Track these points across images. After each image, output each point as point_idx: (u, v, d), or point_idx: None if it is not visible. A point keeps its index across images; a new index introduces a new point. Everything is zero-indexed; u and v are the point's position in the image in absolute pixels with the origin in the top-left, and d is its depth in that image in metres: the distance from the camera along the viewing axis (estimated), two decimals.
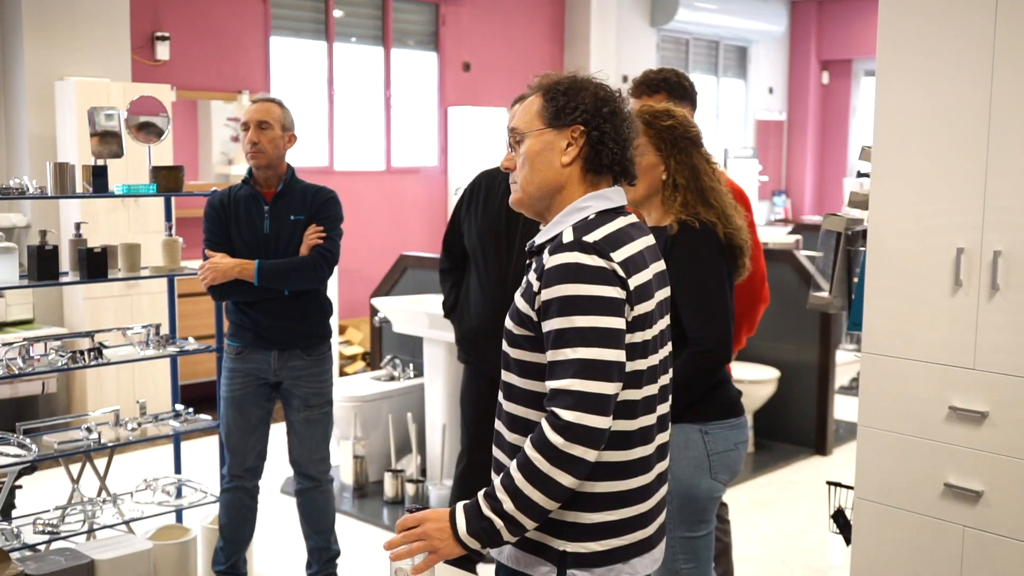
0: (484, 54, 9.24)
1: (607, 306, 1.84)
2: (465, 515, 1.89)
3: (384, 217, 8.60)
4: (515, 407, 1.98)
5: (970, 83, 2.82)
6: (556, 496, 1.85)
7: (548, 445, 1.82)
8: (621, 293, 1.87)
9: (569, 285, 1.84)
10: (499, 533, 1.86)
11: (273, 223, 3.66)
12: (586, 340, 1.82)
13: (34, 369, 3.70)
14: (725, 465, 2.65)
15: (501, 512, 1.86)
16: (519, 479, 1.85)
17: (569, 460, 1.82)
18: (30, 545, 3.70)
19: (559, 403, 1.82)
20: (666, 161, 2.66)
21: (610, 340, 1.84)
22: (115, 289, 6.11)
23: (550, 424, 1.83)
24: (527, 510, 1.85)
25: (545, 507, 1.85)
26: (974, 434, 2.86)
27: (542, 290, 1.88)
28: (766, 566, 4.42)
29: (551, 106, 1.96)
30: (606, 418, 1.83)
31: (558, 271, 1.86)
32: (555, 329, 1.85)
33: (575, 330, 1.83)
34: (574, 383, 1.81)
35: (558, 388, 1.83)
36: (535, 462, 1.83)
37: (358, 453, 5.19)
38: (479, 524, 1.87)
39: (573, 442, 1.81)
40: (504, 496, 1.86)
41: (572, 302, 1.84)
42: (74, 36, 6.31)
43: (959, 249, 2.85)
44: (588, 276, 1.84)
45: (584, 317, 1.83)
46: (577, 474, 1.84)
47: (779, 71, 12.71)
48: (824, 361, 5.91)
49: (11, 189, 3.72)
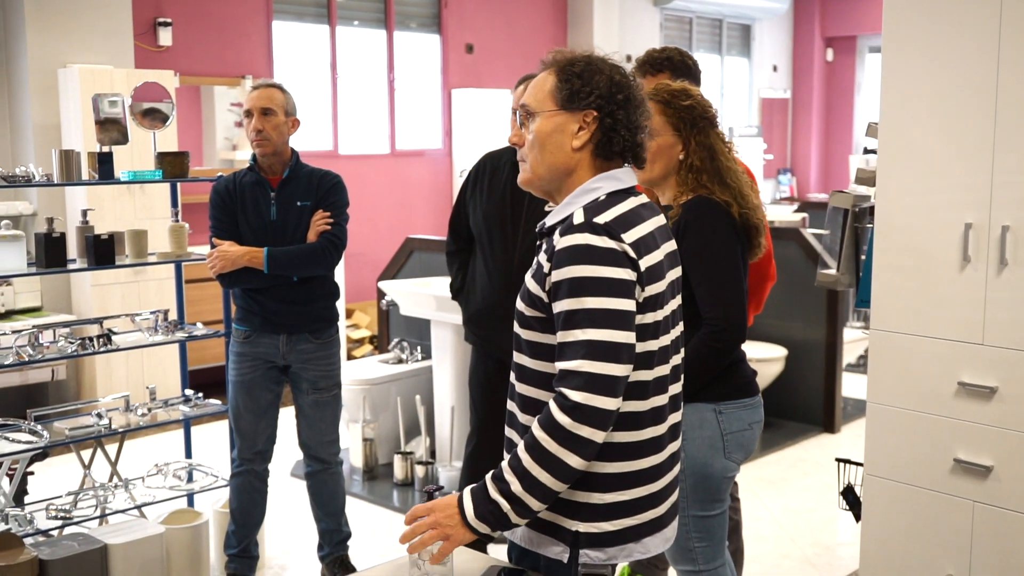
0: (487, 36, 9.21)
1: (617, 287, 1.84)
2: (473, 499, 1.89)
3: (389, 200, 8.59)
4: (527, 388, 1.99)
5: (977, 58, 2.80)
6: (563, 477, 1.85)
7: (556, 426, 1.82)
8: (632, 275, 1.86)
9: (580, 266, 1.84)
10: (507, 516, 1.87)
11: (280, 210, 3.66)
12: (596, 321, 1.82)
13: (44, 356, 3.71)
14: (739, 445, 2.66)
15: (508, 494, 1.86)
16: (527, 460, 1.85)
17: (577, 441, 1.82)
18: (43, 530, 3.72)
19: (568, 384, 1.83)
20: (685, 141, 2.64)
21: (620, 322, 1.84)
22: (122, 275, 6.12)
23: (558, 405, 1.83)
24: (534, 491, 1.85)
25: (553, 488, 1.86)
26: (983, 409, 2.86)
27: (553, 271, 1.88)
28: (775, 543, 4.43)
29: (565, 87, 1.94)
30: (614, 399, 1.83)
31: (569, 252, 1.86)
32: (565, 310, 1.85)
33: (585, 311, 1.83)
34: (583, 364, 1.82)
35: (567, 369, 1.83)
36: (543, 443, 1.84)
37: (367, 436, 5.20)
38: (487, 507, 1.87)
39: (581, 423, 1.81)
40: (512, 478, 1.86)
41: (582, 283, 1.84)
42: (76, 23, 6.29)
43: (967, 224, 2.85)
44: (599, 257, 1.84)
45: (594, 298, 1.83)
46: (585, 455, 1.84)
47: (783, 49, 12.66)
48: (831, 339, 5.90)
49: (17, 177, 3.72)
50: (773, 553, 4.34)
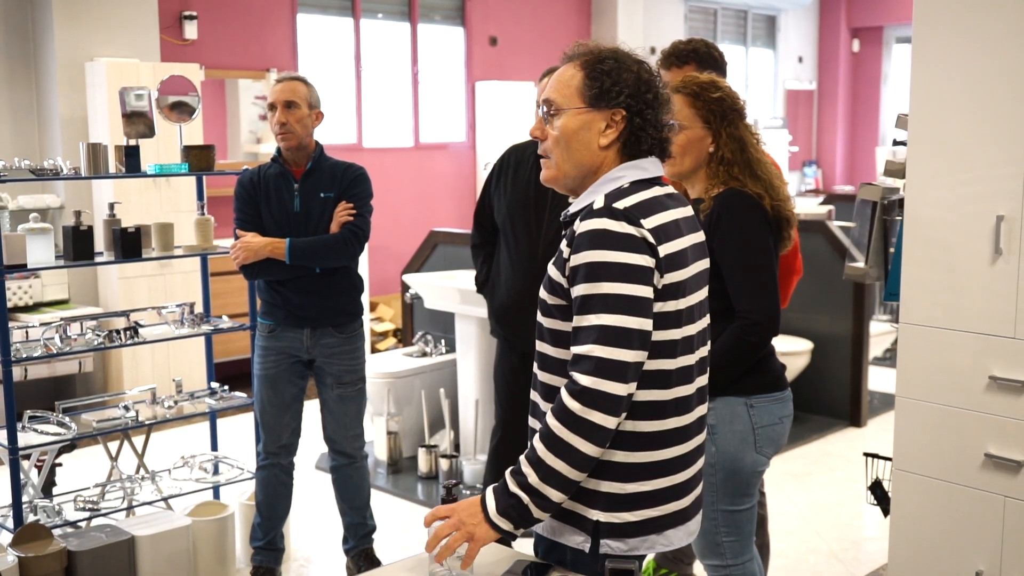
0: (511, 28, 9.18)
1: (633, 273, 1.83)
2: (494, 495, 1.89)
3: (413, 193, 8.60)
4: (549, 376, 1.98)
5: (1009, 47, 2.76)
6: (579, 465, 1.84)
7: (566, 411, 1.82)
8: (650, 261, 1.85)
9: (597, 251, 1.83)
10: (528, 509, 1.86)
11: (303, 201, 3.66)
12: (609, 307, 1.81)
13: (71, 349, 3.74)
14: (770, 439, 2.64)
15: (527, 486, 1.85)
16: (541, 449, 1.84)
17: (587, 426, 1.81)
18: (71, 522, 3.75)
19: (578, 368, 1.82)
20: (715, 134, 2.62)
21: (634, 308, 1.82)
22: (149, 268, 6.15)
23: (568, 390, 1.83)
24: (551, 480, 1.84)
25: (569, 477, 1.84)
26: (1015, 403, 2.82)
27: (572, 256, 1.87)
28: (801, 538, 4.41)
29: (594, 85, 1.92)
30: (624, 385, 1.81)
31: (587, 237, 1.85)
32: (581, 295, 1.84)
33: (600, 296, 1.82)
34: (594, 349, 1.81)
35: (579, 353, 1.83)
36: (555, 430, 1.83)
37: (392, 429, 5.21)
38: (507, 502, 1.87)
39: (590, 407, 1.80)
40: (528, 469, 1.85)
41: (598, 268, 1.83)
42: (103, 17, 6.33)
43: (999, 217, 2.81)
44: (616, 243, 1.83)
45: (609, 284, 1.82)
46: (597, 441, 1.83)
47: (809, 40, 12.56)
48: (858, 332, 5.86)
49: (45, 170, 3.74)
50: (799, 548, 4.31)
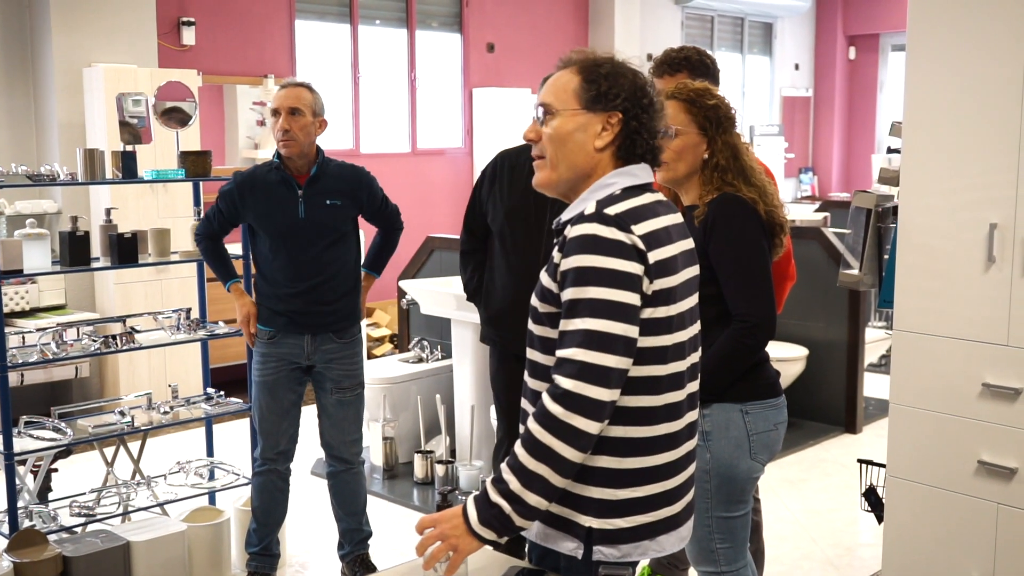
0: (508, 35, 9.21)
1: (620, 280, 1.84)
2: (476, 505, 1.88)
3: (410, 199, 8.59)
4: (539, 384, 1.98)
5: (1002, 56, 2.78)
6: (560, 470, 1.83)
7: (548, 415, 1.82)
8: (638, 268, 1.86)
9: (585, 256, 1.84)
10: (510, 518, 1.85)
11: (308, 208, 3.63)
12: (595, 311, 1.82)
13: (68, 354, 3.75)
14: (764, 445, 2.65)
15: (508, 494, 1.84)
16: (522, 454, 1.84)
17: (568, 431, 1.81)
18: (67, 527, 3.75)
19: (561, 371, 1.83)
20: (711, 140, 2.64)
21: (619, 314, 1.83)
22: (145, 274, 6.16)
23: (550, 393, 1.83)
24: (533, 486, 1.83)
25: (552, 482, 1.84)
26: (1008, 411, 2.84)
27: (562, 261, 1.88)
28: (796, 544, 4.41)
29: (591, 88, 1.94)
30: (607, 390, 1.82)
31: (577, 241, 1.86)
32: (569, 299, 1.85)
33: (586, 300, 1.83)
34: (577, 353, 1.81)
35: (562, 357, 1.84)
36: (536, 435, 1.83)
37: (388, 435, 5.21)
38: (489, 512, 1.86)
39: (572, 411, 1.80)
40: (510, 476, 1.85)
41: (586, 273, 1.84)
42: (101, 22, 6.34)
43: (992, 225, 2.82)
44: (605, 248, 1.84)
45: (596, 288, 1.83)
46: (579, 446, 1.83)
47: (805, 47, 12.59)
48: (853, 339, 5.87)
49: (43, 176, 3.75)
50: (794, 554, 4.32)
